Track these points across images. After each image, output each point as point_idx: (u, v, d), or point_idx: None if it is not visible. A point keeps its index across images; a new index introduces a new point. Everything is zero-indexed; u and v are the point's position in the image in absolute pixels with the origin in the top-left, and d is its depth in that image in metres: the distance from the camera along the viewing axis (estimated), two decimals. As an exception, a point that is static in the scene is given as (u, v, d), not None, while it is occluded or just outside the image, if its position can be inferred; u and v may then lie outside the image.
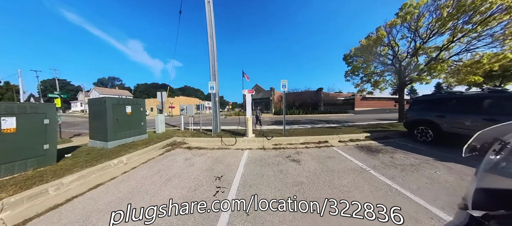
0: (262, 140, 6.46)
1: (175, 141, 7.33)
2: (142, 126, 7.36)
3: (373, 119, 15.37)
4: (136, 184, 3.53)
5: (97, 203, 2.80)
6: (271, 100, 31.60)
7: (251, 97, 6.87)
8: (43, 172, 3.88)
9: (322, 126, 11.08)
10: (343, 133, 7.31)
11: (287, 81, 6.76)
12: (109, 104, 5.98)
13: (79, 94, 53.41)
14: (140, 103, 7.32)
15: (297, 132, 7.97)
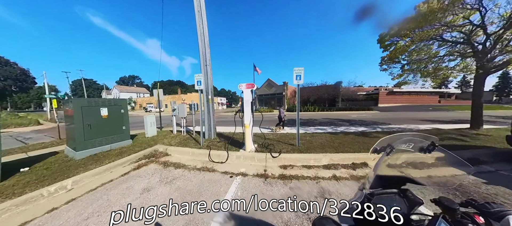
0: (265, 157, 4.42)
1: (156, 151, 5.76)
2: (123, 130, 6.11)
3: (414, 120, 12.39)
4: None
5: None
6: (284, 96, 29.13)
7: (253, 95, 4.81)
8: None
9: (345, 129, 8.67)
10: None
11: (303, 70, 4.56)
12: (76, 106, 4.88)
13: (103, 93, 56.15)
14: (120, 104, 6.02)
15: (315, 141, 5.77)
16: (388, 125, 10.18)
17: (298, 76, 4.57)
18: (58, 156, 5.22)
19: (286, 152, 4.70)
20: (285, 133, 7.49)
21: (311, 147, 5.05)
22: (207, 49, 6.11)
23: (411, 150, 0.99)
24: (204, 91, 6.32)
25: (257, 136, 6.59)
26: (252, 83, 4.67)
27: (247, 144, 4.87)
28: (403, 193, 0.92)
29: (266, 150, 4.91)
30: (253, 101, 4.88)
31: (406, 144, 1.00)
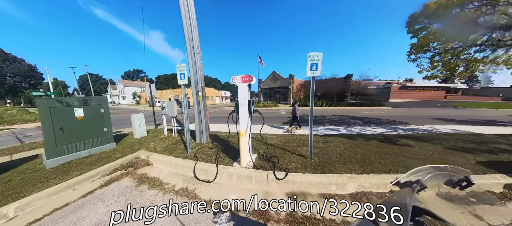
0: (266, 178, 3.22)
1: (137, 159, 4.80)
2: (105, 132, 5.37)
3: (435, 120, 10.87)
4: None
5: None
6: (289, 90, 27.61)
7: (249, 92, 3.56)
8: None
9: (361, 129, 7.34)
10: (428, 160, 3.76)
11: (321, 56, 3.24)
12: (42, 107, 4.16)
13: (108, 87, 56.05)
14: (99, 102, 5.18)
15: (331, 149, 4.51)
16: (408, 125, 8.74)
17: (313, 65, 3.27)
18: (31, 164, 4.48)
19: (295, 167, 3.48)
20: (292, 135, 6.24)
21: (327, 160, 3.81)
22: (194, 32, 4.81)
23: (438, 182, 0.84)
24: (193, 86, 5.12)
25: (257, 140, 5.40)
26: (250, 76, 3.40)
27: (243, 157, 3.67)
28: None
29: (268, 163, 3.72)
30: (251, 100, 3.63)
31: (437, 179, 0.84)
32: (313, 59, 3.27)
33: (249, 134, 3.71)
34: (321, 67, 3.28)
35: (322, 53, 3.22)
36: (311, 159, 3.77)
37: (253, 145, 5.04)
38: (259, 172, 3.36)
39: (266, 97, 32.09)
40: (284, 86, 28.79)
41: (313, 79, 3.45)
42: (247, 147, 3.67)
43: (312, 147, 3.76)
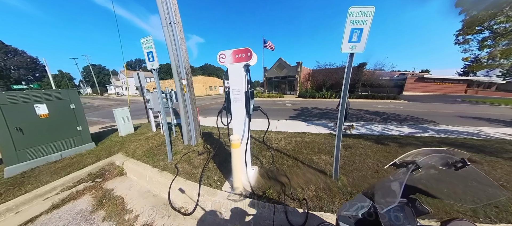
0: (272, 218, 2.04)
1: (111, 166, 3.95)
2: (79, 131, 4.58)
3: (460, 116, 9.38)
4: None
5: None
6: (296, 79, 25.91)
7: (247, 77, 2.30)
8: None
9: (384, 128, 6.01)
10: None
11: (373, 13, 1.88)
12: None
13: (112, 78, 55.40)
14: (67, 96, 4.32)
15: (359, 160, 3.27)
16: (436, 124, 7.28)
17: (355, 33, 1.93)
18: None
19: (315, 196, 2.27)
20: (303, 137, 4.99)
21: (361, 180, 2.57)
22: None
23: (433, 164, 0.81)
24: (174, 72, 3.87)
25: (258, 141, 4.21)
26: (247, 50, 2.10)
27: (236, 179, 2.49)
28: (412, 203, 0.84)
29: (274, 186, 2.53)
30: (251, 91, 2.37)
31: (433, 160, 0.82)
32: (357, 21, 1.89)
33: (246, 143, 2.49)
34: (367, 37, 1.92)
35: (373, 8, 1.83)
36: (337, 179, 2.54)
37: (253, 149, 3.87)
38: (260, 208, 2.17)
39: (271, 87, 30.48)
40: (290, 75, 27.01)
41: (351, 58, 2.08)
42: (243, 164, 2.48)
43: (338, 162, 2.51)
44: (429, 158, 0.84)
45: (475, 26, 5.22)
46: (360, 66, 22.74)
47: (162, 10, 3.38)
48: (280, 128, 6.22)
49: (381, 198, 0.82)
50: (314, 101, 18.19)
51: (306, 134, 5.20)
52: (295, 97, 22.42)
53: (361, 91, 23.46)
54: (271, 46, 22.99)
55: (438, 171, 0.83)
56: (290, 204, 2.18)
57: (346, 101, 2.28)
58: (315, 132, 5.45)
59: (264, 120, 2.66)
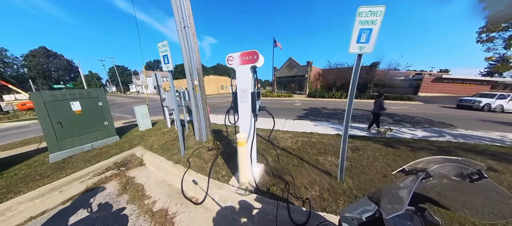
0: (274, 214, 2.05)
1: (132, 157, 4.27)
2: (106, 126, 5.05)
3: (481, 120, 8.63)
4: None
5: None
6: (306, 78, 25.40)
7: (254, 78, 2.30)
8: None
9: (397, 131, 5.69)
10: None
11: (384, 12, 1.78)
12: (37, 101, 3.84)
13: (133, 78, 58.84)
14: (96, 95, 4.78)
15: (367, 165, 3.13)
16: (454, 128, 6.76)
17: (364, 33, 1.84)
18: (42, 156, 4.32)
19: (318, 196, 2.23)
20: (310, 137, 4.90)
21: (367, 183, 2.48)
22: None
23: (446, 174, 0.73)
24: (187, 73, 3.99)
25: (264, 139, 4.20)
26: (253, 52, 2.11)
27: (242, 175, 2.52)
28: (421, 212, 0.77)
29: (278, 184, 2.53)
30: (257, 92, 2.38)
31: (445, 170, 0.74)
32: (366, 21, 1.82)
33: (252, 141, 2.51)
34: (376, 38, 1.83)
35: (384, 8, 1.74)
36: (342, 180, 2.47)
37: (259, 147, 3.88)
38: (264, 204, 2.19)
39: (281, 86, 30.18)
40: (300, 74, 26.55)
41: (359, 60, 2.00)
42: (248, 161, 2.50)
43: (344, 164, 2.43)
44: (442, 167, 0.78)
45: (501, 23, 4.74)
46: (373, 65, 21.70)
47: (177, 15, 3.50)
48: (288, 127, 6.16)
49: (387, 204, 0.78)
50: (324, 101, 17.72)
51: (313, 134, 5.11)
52: (304, 97, 22.03)
53: (373, 91, 22.45)
54: (279, 46, 22.78)
55: (452, 181, 0.76)
56: (293, 202, 2.17)
57: (352, 102, 2.19)
58: (322, 132, 5.33)
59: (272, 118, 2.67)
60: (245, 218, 2.13)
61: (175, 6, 3.45)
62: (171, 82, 3.35)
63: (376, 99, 5.72)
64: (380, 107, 5.50)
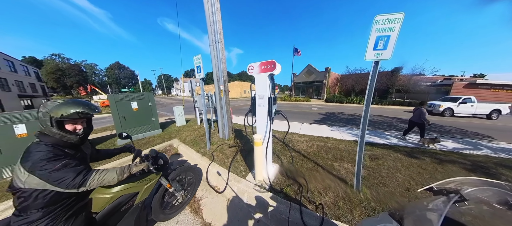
0: (287, 214, 1.91)
1: (170, 147, 4.74)
2: (153, 121, 5.80)
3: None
4: None
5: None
6: (324, 84, 24.07)
7: (271, 85, 2.21)
8: None
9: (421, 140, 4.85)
10: None
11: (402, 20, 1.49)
12: (112, 101, 4.94)
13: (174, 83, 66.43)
14: (148, 97, 5.67)
15: (387, 175, 2.72)
16: (493, 140, 5.44)
17: (381, 41, 1.58)
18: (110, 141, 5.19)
19: (332, 203, 2.00)
20: (326, 142, 4.54)
21: (387, 196, 2.14)
22: (216, 16, 3.66)
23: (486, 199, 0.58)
24: (215, 80, 4.11)
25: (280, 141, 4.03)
26: (271, 62, 2.03)
27: (258, 171, 2.44)
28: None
29: (292, 186, 2.36)
30: (274, 97, 2.28)
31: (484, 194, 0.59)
32: (383, 28, 1.58)
33: (267, 142, 2.41)
34: (394, 44, 1.57)
35: (403, 15, 1.49)
36: (359, 189, 2.17)
37: (275, 148, 3.74)
38: (278, 203, 2.07)
39: (299, 91, 29.17)
40: (318, 80, 25.25)
41: (375, 66, 1.74)
42: (264, 160, 2.40)
43: (360, 172, 2.14)
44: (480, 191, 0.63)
45: None
46: (394, 71, 19.30)
47: (210, 32, 3.69)
48: (304, 130, 5.84)
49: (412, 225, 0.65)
50: (342, 106, 16.47)
51: (329, 138, 4.71)
52: (321, 102, 20.85)
53: (395, 97, 19.94)
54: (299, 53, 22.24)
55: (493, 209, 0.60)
56: (306, 206, 2.00)
57: (369, 109, 1.91)
58: (339, 138, 4.87)
59: (289, 121, 2.54)
60: (260, 213, 2.04)
61: (210, 26, 3.66)
62: (202, 87, 3.50)
63: (416, 107, 4.72)
64: (420, 118, 4.47)
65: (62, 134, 1.07)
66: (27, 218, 0.98)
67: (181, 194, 2.08)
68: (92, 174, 1.09)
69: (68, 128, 1.11)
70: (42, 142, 1.04)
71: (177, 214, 2.09)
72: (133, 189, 1.45)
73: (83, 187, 1.04)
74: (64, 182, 0.99)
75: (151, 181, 1.60)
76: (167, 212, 1.95)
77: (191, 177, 2.35)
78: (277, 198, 2.12)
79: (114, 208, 1.36)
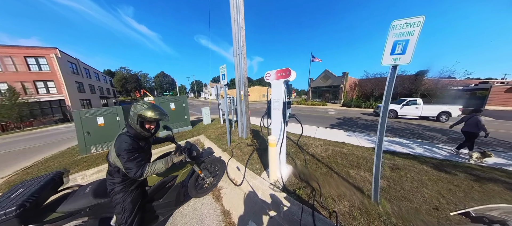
0: (299, 216, 1.76)
1: (198, 141, 5.12)
2: (185, 119, 6.34)
3: None
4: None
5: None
6: (341, 89, 22.28)
7: (286, 90, 2.09)
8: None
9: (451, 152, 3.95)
10: None
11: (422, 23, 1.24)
12: (156, 102, 5.55)
13: (203, 88, 74.63)
14: (182, 100, 6.27)
15: (410, 190, 2.28)
16: None
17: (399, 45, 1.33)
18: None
19: (347, 212, 1.77)
20: (342, 147, 4.14)
21: (409, 211, 1.79)
22: (241, 31, 3.74)
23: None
24: (237, 86, 4.17)
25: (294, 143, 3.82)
26: (287, 69, 1.94)
27: (272, 170, 2.35)
28: None
29: (304, 188, 2.19)
30: (288, 102, 2.16)
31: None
32: (401, 33, 1.35)
33: (281, 144, 2.30)
34: (414, 48, 1.32)
35: (423, 18, 1.26)
36: (378, 203, 1.88)
37: (289, 150, 3.56)
38: (290, 203, 1.94)
39: (316, 95, 27.67)
40: (335, 84, 23.48)
41: (393, 71, 1.49)
42: (278, 161, 2.30)
43: (378, 182, 1.84)
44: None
45: None
46: (419, 74, 16.57)
47: (235, 45, 3.88)
48: (319, 134, 5.45)
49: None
50: (360, 111, 14.96)
51: (345, 144, 4.25)
52: (338, 106, 19.34)
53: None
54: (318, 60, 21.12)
55: None
56: (319, 211, 1.82)
57: (386, 114, 1.63)
58: (356, 144, 4.34)
59: (304, 124, 2.39)
60: (273, 210, 1.95)
61: (235, 40, 3.85)
62: (225, 92, 3.62)
63: (467, 115, 3.84)
64: (476, 126, 3.55)
65: (141, 130, 1.36)
66: (113, 180, 1.36)
67: (210, 180, 2.34)
68: (147, 167, 1.36)
69: (146, 126, 1.39)
70: (128, 133, 1.35)
71: (205, 195, 2.36)
72: (174, 173, 1.76)
73: (141, 177, 1.33)
74: (130, 171, 1.29)
75: (187, 168, 1.90)
76: (198, 192, 2.25)
77: (217, 168, 2.54)
78: (290, 199, 1.99)
79: (160, 184, 1.67)
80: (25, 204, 1.04)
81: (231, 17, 3.82)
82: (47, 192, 1.28)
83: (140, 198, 1.49)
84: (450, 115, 9.31)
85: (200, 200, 2.28)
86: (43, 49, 14.89)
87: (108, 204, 1.38)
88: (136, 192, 1.46)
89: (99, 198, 1.37)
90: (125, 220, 1.34)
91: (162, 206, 1.69)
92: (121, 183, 1.36)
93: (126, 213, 1.35)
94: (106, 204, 1.38)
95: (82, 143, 4.11)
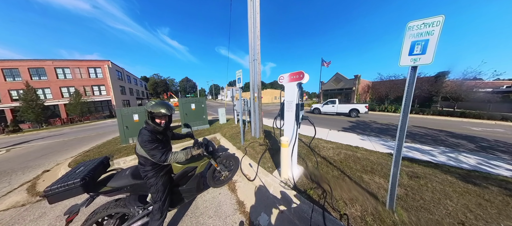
0: (309, 215, 1.71)
1: (214, 138, 5.28)
2: (204, 118, 6.65)
3: None
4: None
5: None
6: (353, 91, 20.88)
7: (299, 93, 2.05)
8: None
9: (480, 161, 3.33)
10: None
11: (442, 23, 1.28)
12: (179, 103, 6.02)
13: (220, 90, 77.79)
14: (202, 101, 6.59)
15: (431, 200, 2.01)
16: None
17: (417, 46, 1.22)
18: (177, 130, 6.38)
19: (359, 217, 1.66)
20: (351, 151, 3.89)
21: (429, 223, 1.59)
22: (257, 41, 3.83)
23: None
24: (251, 89, 4.23)
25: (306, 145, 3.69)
26: (300, 72, 1.91)
27: (283, 169, 2.32)
28: None
29: (315, 189, 2.12)
30: (301, 104, 2.12)
31: None
32: (419, 33, 1.23)
33: (293, 145, 2.26)
34: (435, 48, 1.19)
35: (443, 17, 1.13)
36: (394, 210, 1.71)
37: (300, 152, 3.47)
38: (301, 202, 1.90)
39: (327, 98, 26.44)
40: (347, 87, 22.07)
41: (413, 72, 1.36)
42: (289, 161, 2.26)
43: (395, 190, 1.68)
44: None
45: None
46: (439, 76, 14.57)
47: (250, 52, 3.99)
48: (331, 137, 5.16)
49: None
50: (374, 114, 13.77)
51: (359, 148, 3.92)
52: (350, 109, 18.07)
53: (441, 106, 14.98)
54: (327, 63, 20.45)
55: None
56: (330, 212, 1.74)
57: (407, 119, 1.47)
58: (370, 149, 3.95)
59: (316, 127, 2.32)
60: (284, 206, 1.93)
61: (251, 48, 3.97)
62: (240, 94, 3.72)
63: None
64: None
65: (153, 125, 1.47)
66: (144, 168, 1.49)
67: (225, 173, 2.45)
68: (170, 154, 1.49)
69: (157, 121, 1.48)
70: (146, 128, 1.46)
71: (221, 186, 2.49)
72: (194, 164, 1.91)
73: (165, 162, 1.46)
74: (155, 157, 1.41)
75: (205, 161, 2.02)
76: (216, 183, 2.41)
77: (232, 163, 2.63)
78: (300, 197, 1.94)
79: (183, 173, 1.84)
80: (86, 178, 1.30)
81: (248, 29, 3.94)
82: (99, 171, 1.52)
83: (169, 182, 1.66)
84: (358, 111, 11.37)
85: (218, 190, 2.41)
86: (100, 62, 19.25)
87: (144, 184, 1.57)
88: (165, 178, 1.61)
89: (135, 180, 1.55)
90: (159, 198, 1.51)
91: (185, 191, 1.87)
92: (151, 170, 1.50)
93: (159, 193, 1.52)
94: (142, 184, 1.57)
95: (122, 135, 4.82)
